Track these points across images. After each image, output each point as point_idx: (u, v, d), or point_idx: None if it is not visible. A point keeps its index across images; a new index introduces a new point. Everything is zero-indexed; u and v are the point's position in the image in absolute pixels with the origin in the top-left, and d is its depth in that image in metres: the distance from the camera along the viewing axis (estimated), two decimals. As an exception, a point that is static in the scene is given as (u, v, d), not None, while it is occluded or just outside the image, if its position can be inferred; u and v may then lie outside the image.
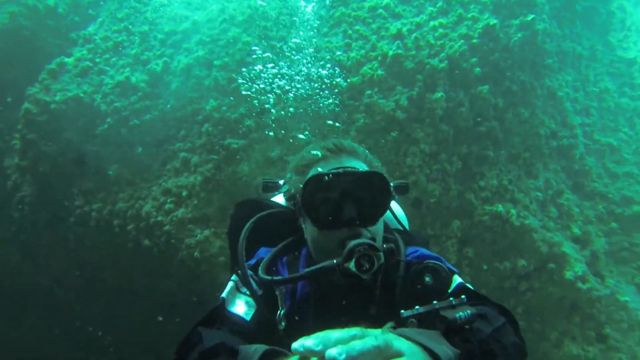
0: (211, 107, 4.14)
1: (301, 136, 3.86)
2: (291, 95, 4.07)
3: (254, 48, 4.29)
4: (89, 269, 4.52)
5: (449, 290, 1.26)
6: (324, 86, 4.10)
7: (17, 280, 5.03)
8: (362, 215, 1.22)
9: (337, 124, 3.83)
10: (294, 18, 4.65)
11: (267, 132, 3.93)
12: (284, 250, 1.42)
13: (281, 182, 1.53)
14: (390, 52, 4.18)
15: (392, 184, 1.37)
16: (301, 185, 1.27)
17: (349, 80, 4.05)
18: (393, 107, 4.07)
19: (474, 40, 4.41)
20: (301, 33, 4.52)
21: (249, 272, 1.28)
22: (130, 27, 4.92)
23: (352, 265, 1.08)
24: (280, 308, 1.22)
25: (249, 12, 4.69)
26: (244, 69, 4.18)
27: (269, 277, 1.22)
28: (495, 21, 4.48)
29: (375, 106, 4.09)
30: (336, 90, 4.04)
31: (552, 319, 4.52)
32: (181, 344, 1.09)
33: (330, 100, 4.05)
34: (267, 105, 4.12)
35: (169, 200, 3.99)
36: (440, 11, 4.65)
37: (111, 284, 4.47)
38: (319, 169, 1.32)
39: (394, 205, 1.75)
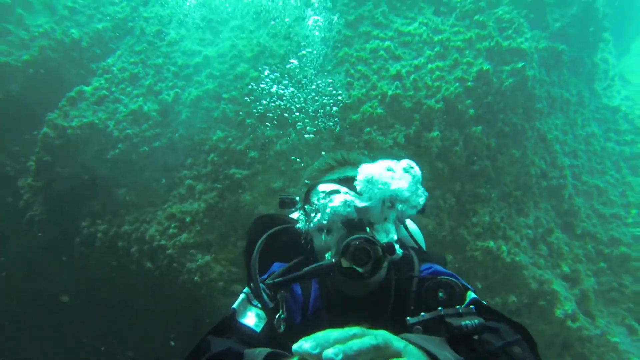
0: (218, 137, 4.45)
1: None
2: (297, 130, 4.40)
3: (262, 85, 4.65)
4: (91, 287, 4.70)
5: (463, 306, 1.23)
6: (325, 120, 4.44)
7: (22, 297, 5.19)
8: (360, 217, 1.28)
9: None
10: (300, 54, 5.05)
11: (270, 164, 4.22)
12: (297, 266, 1.42)
13: (297, 198, 1.56)
14: (390, 92, 4.53)
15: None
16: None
17: (350, 117, 4.38)
18: (391, 144, 4.38)
19: (469, 84, 4.77)
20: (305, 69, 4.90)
21: (262, 285, 1.30)
22: (146, 59, 5.32)
23: (348, 260, 1.11)
24: (280, 312, 1.24)
25: (257, 49, 5.10)
26: (247, 99, 4.51)
27: (271, 280, 1.26)
28: (488, 66, 4.85)
29: (373, 142, 4.39)
30: (337, 129, 4.36)
31: (544, 358, 4.65)
32: (190, 353, 1.11)
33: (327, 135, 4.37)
34: (267, 132, 4.43)
35: (172, 225, 4.24)
36: (437, 55, 5.04)
37: (111, 303, 4.63)
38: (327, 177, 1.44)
39: (410, 223, 1.77)
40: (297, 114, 4.43)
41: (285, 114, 4.42)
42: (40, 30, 5.81)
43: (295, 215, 1.76)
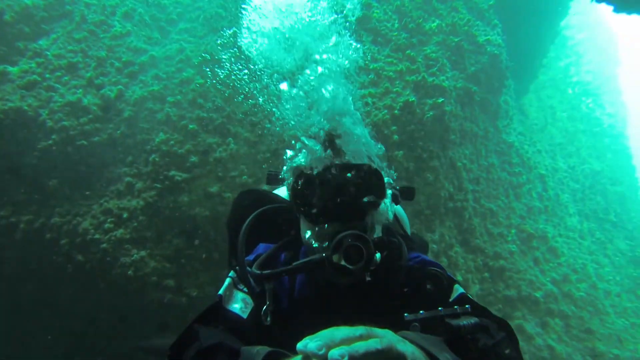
0: (160, 139, 4.87)
1: (242, 176, 4.74)
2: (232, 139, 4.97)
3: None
4: (7, 280, 4.78)
5: (450, 299, 1.32)
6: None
7: None
8: (353, 209, 1.24)
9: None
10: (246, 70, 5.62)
11: (209, 170, 4.75)
12: (282, 248, 1.45)
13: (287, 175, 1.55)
14: (325, 114, 5.31)
15: (397, 187, 1.44)
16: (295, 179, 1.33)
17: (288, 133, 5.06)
18: (322, 160, 5.15)
19: (396, 112, 5.72)
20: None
21: (248, 268, 1.33)
22: (87, 49, 5.51)
23: (340, 257, 1.13)
24: (267, 303, 1.26)
25: (205, 57, 5.58)
26: (197, 110, 5.01)
27: (259, 272, 1.28)
28: (414, 98, 5.87)
29: (307, 157, 5.13)
30: (275, 139, 5.02)
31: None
32: (177, 341, 1.12)
33: (264, 147, 5.02)
34: (209, 140, 4.96)
35: (109, 220, 4.56)
36: (371, 82, 5.95)
37: (31, 297, 4.77)
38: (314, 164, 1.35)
39: (395, 210, 1.76)
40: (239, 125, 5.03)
41: (229, 125, 4.99)
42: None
43: (281, 191, 1.78)
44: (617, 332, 6.99)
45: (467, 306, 1.08)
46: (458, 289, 1.36)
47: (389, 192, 1.41)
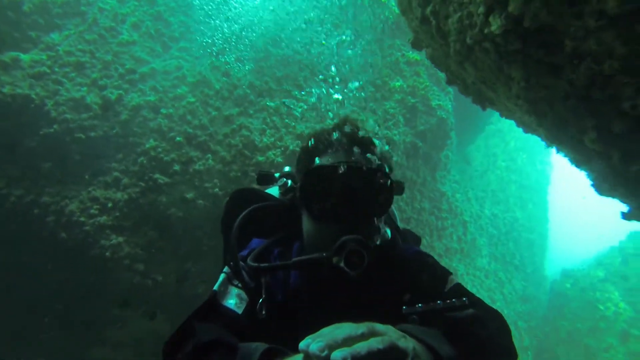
0: (150, 145, 5.83)
1: (215, 189, 5.80)
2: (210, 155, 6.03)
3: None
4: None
5: (446, 290, 1.33)
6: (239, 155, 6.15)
7: None
8: (360, 212, 1.25)
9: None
10: (233, 93, 6.69)
11: (187, 179, 5.78)
12: (276, 243, 1.48)
13: (277, 174, 1.58)
14: (291, 147, 6.48)
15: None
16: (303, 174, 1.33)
17: (257, 157, 6.18)
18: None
19: (350, 152, 6.98)
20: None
21: (241, 263, 1.34)
22: (95, 51, 6.34)
23: (341, 260, 1.15)
24: (263, 296, 1.28)
25: (198, 77, 6.59)
26: (185, 127, 6.03)
27: (256, 264, 1.30)
28: (367, 143, 7.16)
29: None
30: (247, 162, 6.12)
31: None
32: (173, 336, 1.15)
33: (236, 167, 6.10)
34: (191, 153, 5.98)
35: (94, 207, 5.46)
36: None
37: (5, 259, 5.55)
38: (328, 160, 1.35)
39: None
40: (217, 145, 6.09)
41: (210, 143, 6.04)
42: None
43: (273, 190, 1.80)
44: None
45: (464, 299, 1.12)
46: (453, 280, 1.38)
47: None
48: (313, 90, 6.87)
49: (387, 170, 1.37)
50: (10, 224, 5.57)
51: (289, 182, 1.46)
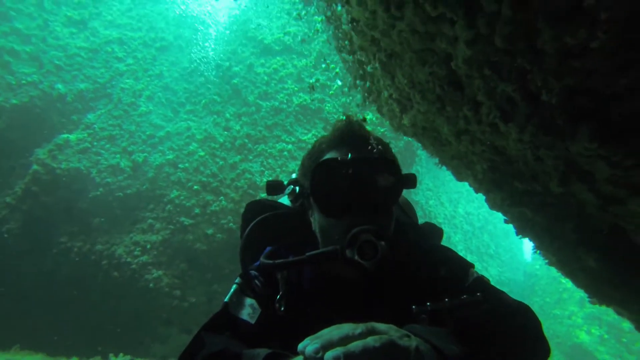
0: (174, 195, 7.20)
1: (229, 224, 7.15)
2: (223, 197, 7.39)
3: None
4: (60, 286, 6.86)
5: (467, 284, 1.24)
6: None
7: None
8: (371, 203, 1.18)
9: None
10: (234, 144, 8.07)
11: (206, 218, 7.13)
12: (288, 246, 1.41)
13: (286, 182, 1.51)
14: (285, 182, 7.82)
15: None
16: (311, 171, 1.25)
17: (260, 195, 7.53)
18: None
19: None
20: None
21: (253, 273, 1.31)
22: (122, 124, 7.75)
23: (354, 252, 1.09)
24: (280, 291, 1.23)
25: (205, 134, 7.98)
26: (199, 176, 7.40)
27: (271, 261, 1.25)
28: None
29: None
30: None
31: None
32: (185, 350, 1.13)
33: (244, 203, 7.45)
34: (207, 197, 7.35)
35: (137, 249, 6.81)
36: (319, 158, 8.55)
37: (74, 297, 6.88)
38: (332, 155, 1.28)
39: (402, 198, 1.70)
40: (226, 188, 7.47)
41: (221, 188, 7.41)
42: (29, 79, 7.71)
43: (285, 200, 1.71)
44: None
45: (478, 294, 1.06)
46: (473, 274, 1.28)
47: None
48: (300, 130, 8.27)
49: (393, 159, 1.31)
50: (76, 269, 6.93)
51: (297, 188, 1.39)
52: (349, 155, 1.22)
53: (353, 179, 1.20)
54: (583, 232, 2.25)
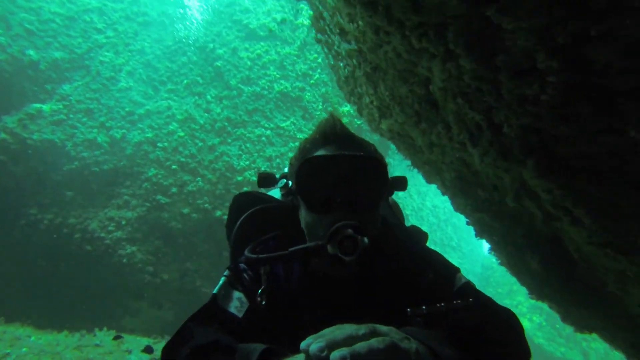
0: (151, 173, 7.17)
1: (205, 204, 7.21)
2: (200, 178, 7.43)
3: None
4: (28, 257, 6.76)
5: (454, 289, 1.25)
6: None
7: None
8: (356, 199, 1.17)
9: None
10: (214, 127, 8.07)
11: (183, 198, 7.17)
12: (274, 238, 1.39)
13: (278, 175, 1.49)
14: (262, 168, 7.94)
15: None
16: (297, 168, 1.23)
17: (236, 178, 7.62)
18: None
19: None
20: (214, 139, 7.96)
21: (242, 266, 1.30)
22: (100, 98, 7.56)
23: (335, 247, 1.09)
24: (263, 285, 1.22)
25: (185, 115, 7.93)
26: (178, 156, 7.39)
27: (254, 255, 1.24)
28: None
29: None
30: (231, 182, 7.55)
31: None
32: (171, 339, 1.10)
33: (221, 186, 7.53)
34: (185, 177, 7.36)
35: (111, 225, 6.78)
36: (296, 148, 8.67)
37: (43, 270, 6.80)
38: (318, 153, 1.26)
39: (391, 200, 1.72)
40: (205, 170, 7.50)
41: (198, 169, 7.43)
42: (-5, 41, 7.31)
43: (275, 193, 1.72)
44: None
45: (470, 299, 1.07)
46: (461, 278, 1.28)
47: None
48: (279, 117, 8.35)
49: (379, 157, 1.29)
50: (46, 241, 6.82)
51: (290, 182, 1.35)
52: (336, 154, 1.23)
53: (337, 175, 1.19)
54: (530, 238, 2.56)
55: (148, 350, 4.96)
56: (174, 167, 7.33)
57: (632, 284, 1.86)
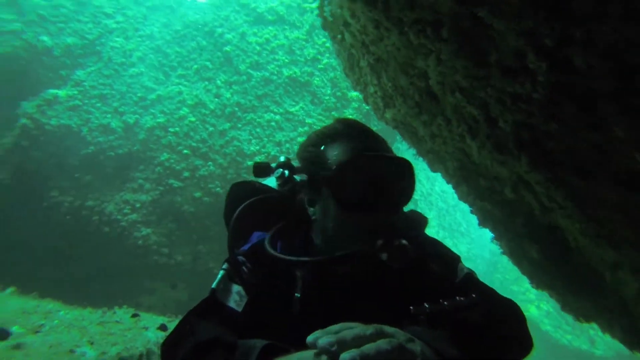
0: (164, 158, 7.30)
1: (217, 188, 7.35)
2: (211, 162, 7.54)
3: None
4: (53, 239, 7.02)
5: (457, 280, 1.25)
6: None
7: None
8: (392, 202, 1.17)
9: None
10: (224, 112, 8.13)
11: (194, 182, 7.31)
12: (276, 236, 1.34)
13: (273, 165, 1.44)
14: (272, 152, 8.00)
15: None
16: (331, 162, 1.17)
17: (246, 163, 7.71)
18: (267, 182, 7.92)
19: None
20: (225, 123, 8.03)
21: (241, 259, 1.27)
22: (113, 84, 7.66)
23: (386, 256, 1.08)
24: (297, 294, 1.19)
25: (196, 100, 7.99)
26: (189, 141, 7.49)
27: (294, 257, 1.19)
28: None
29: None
30: (242, 166, 7.65)
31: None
32: (170, 336, 1.09)
33: (232, 171, 7.64)
34: (196, 162, 7.49)
35: (126, 208, 6.97)
36: (305, 133, 8.68)
37: (63, 249, 7.07)
38: (344, 148, 1.20)
39: None
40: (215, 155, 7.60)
41: (210, 153, 7.53)
42: (11, 27, 7.38)
43: (270, 182, 1.64)
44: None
45: (473, 295, 1.06)
46: (463, 269, 1.27)
47: None
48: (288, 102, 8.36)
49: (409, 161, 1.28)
50: (67, 222, 7.07)
51: (286, 172, 1.33)
52: (367, 151, 1.19)
53: (381, 176, 1.16)
54: (530, 227, 2.59)
55: (163, 328, 5.18)
56: (185, 151, 7.44)
57: (625, 273, 1.90)
